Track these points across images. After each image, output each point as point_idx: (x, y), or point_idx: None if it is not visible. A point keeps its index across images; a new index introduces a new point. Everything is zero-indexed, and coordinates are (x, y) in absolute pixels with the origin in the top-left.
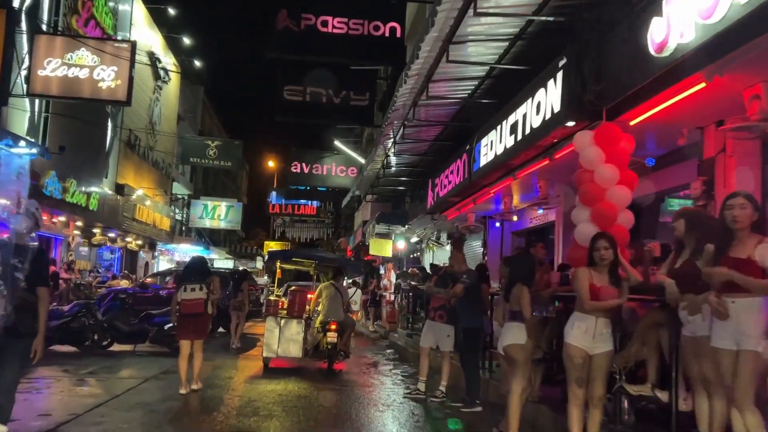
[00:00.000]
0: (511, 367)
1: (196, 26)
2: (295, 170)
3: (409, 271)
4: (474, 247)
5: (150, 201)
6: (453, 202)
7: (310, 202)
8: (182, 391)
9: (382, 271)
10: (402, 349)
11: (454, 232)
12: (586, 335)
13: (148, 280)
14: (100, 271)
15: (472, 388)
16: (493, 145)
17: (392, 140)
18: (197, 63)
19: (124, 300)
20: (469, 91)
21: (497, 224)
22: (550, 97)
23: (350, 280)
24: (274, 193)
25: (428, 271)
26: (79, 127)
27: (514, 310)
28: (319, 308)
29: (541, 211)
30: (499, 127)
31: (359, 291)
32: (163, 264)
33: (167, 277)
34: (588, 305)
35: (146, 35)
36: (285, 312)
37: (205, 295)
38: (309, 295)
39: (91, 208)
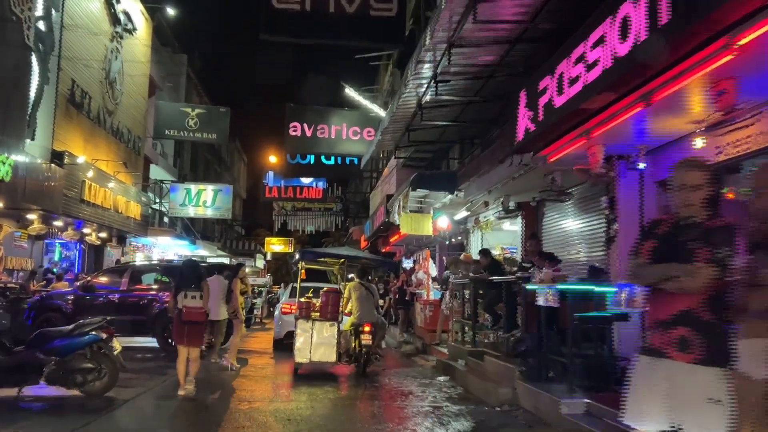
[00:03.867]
0: None
1: None
2: (294, 133)
3: (462, 257)
4: (557, 220)
5: (114, 182)
6: (582, 116)
7: (314, 182)
8: (181, 392)
9: (406, 264)
10: (464, 378)
11: (551, 188)
12: None
13: (102, 279)
14: (55, 271)
15: None
16: None
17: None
18: (170, 11)
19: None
20: None
21: (640, 165)
22: None
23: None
24: (271, 174)
25: (496, 255)
26: None
27: None
28: (348, 309)
29: None
30: None
31: None
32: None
33: (122, 275)
34: None
35: None
36: (318, 314)
37: (205, 305)
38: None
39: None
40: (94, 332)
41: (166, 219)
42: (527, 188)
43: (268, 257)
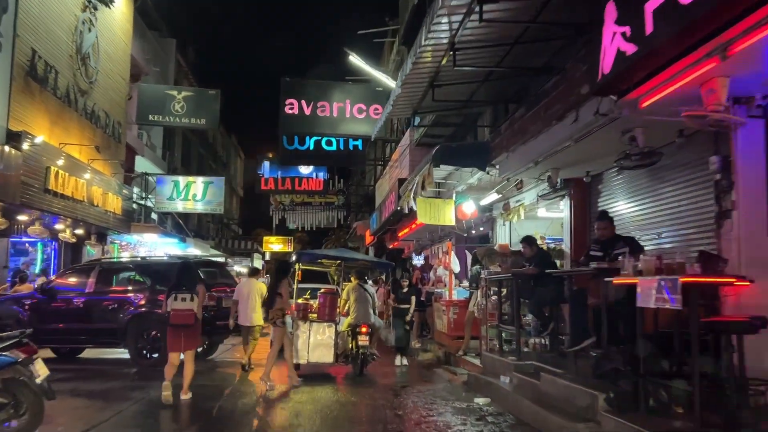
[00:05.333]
0: None
1: None
2: (290, 111)
3: (497, 247)
4: (618, 198)
5: (90, 172)
6: (736, 10)
7: (314, 173)
8: (165, 393)
9: (417, 261)
10: (514, 402)
11: (630, 151)
12: None
13: (65, 280)
14: (37, 272)
15: None
16: None
17: None
18: None
19: None
20: None
21: None
22: None
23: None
24: (266, 164)
25: (542, 241)
26: None
27: None
28: (346, 310)
29: None
30: None
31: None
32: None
33: (89, 275)
34: None
35: None
36: (315, 316)
37: (196, 306)
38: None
39: None
40: (6, 353)
41: (154, 216)
42: (585, 157)
43: (267, 257)
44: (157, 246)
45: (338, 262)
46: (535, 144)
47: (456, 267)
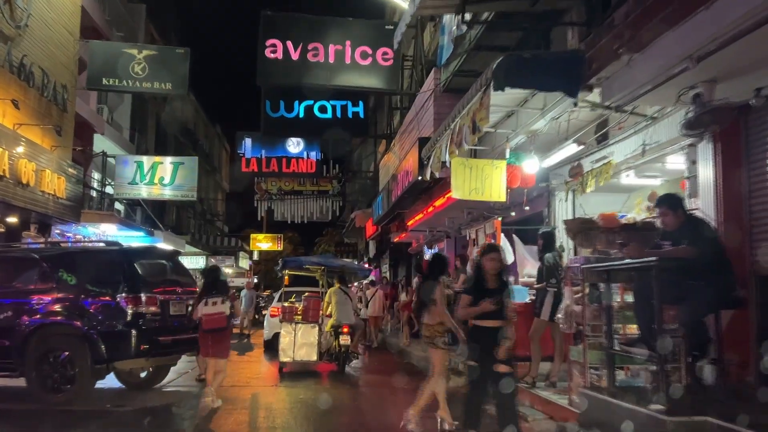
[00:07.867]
0: None
1: None
2: (272, 55)
3: (597, 219)
4: None
5: (18, 143)
6: None
7: (305, 152)
8: (214, 405)
9: (428, 256)
10: None
11: None
12: None
13: None
14: None
15: None
16: None
17: None
18: None
19: None
20: None
21: None
22: None
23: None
24: (248, 141)
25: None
26: None
27: None
28: (329, 312)
29: None
30: None
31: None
32: None
33: None
34: None
35: None
36: (300, 317)
37: (228, 309)
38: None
39: None
40: None
41: (120, 205)
42: None
43: (255, 257)
44: (117, 238)
45: (322, 267)
46: (708, 18)
47: (509, 256)
